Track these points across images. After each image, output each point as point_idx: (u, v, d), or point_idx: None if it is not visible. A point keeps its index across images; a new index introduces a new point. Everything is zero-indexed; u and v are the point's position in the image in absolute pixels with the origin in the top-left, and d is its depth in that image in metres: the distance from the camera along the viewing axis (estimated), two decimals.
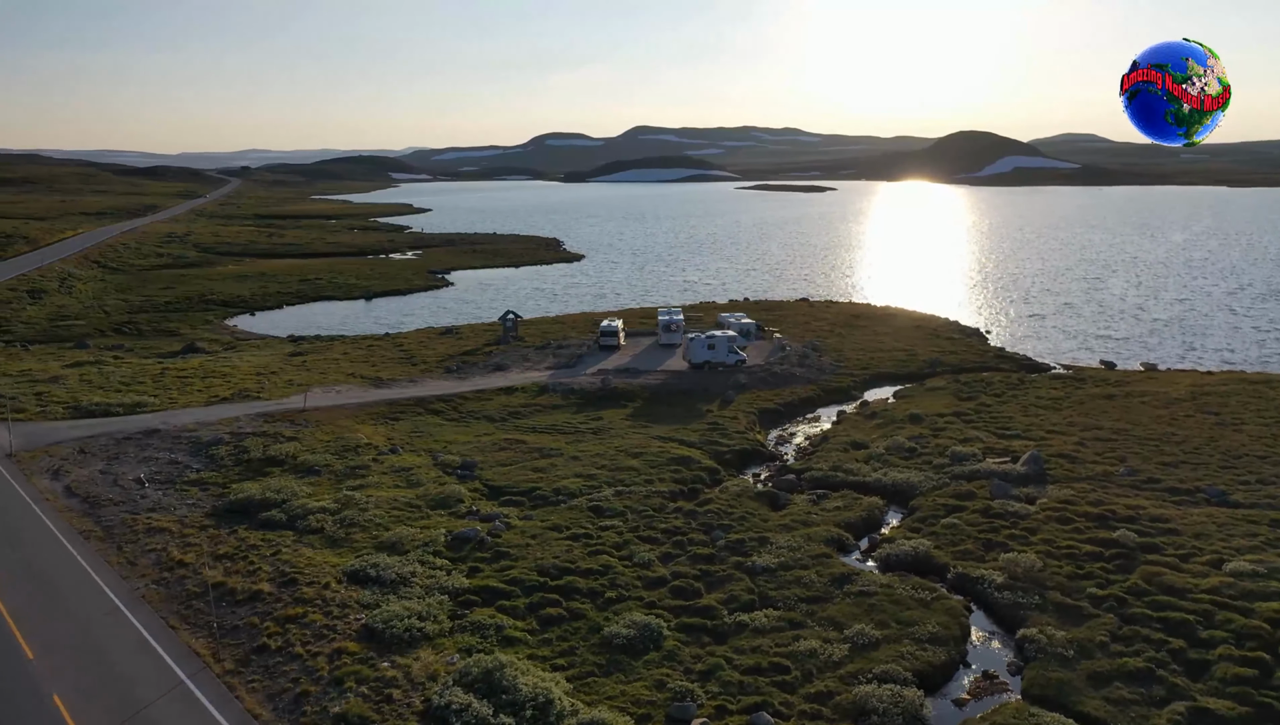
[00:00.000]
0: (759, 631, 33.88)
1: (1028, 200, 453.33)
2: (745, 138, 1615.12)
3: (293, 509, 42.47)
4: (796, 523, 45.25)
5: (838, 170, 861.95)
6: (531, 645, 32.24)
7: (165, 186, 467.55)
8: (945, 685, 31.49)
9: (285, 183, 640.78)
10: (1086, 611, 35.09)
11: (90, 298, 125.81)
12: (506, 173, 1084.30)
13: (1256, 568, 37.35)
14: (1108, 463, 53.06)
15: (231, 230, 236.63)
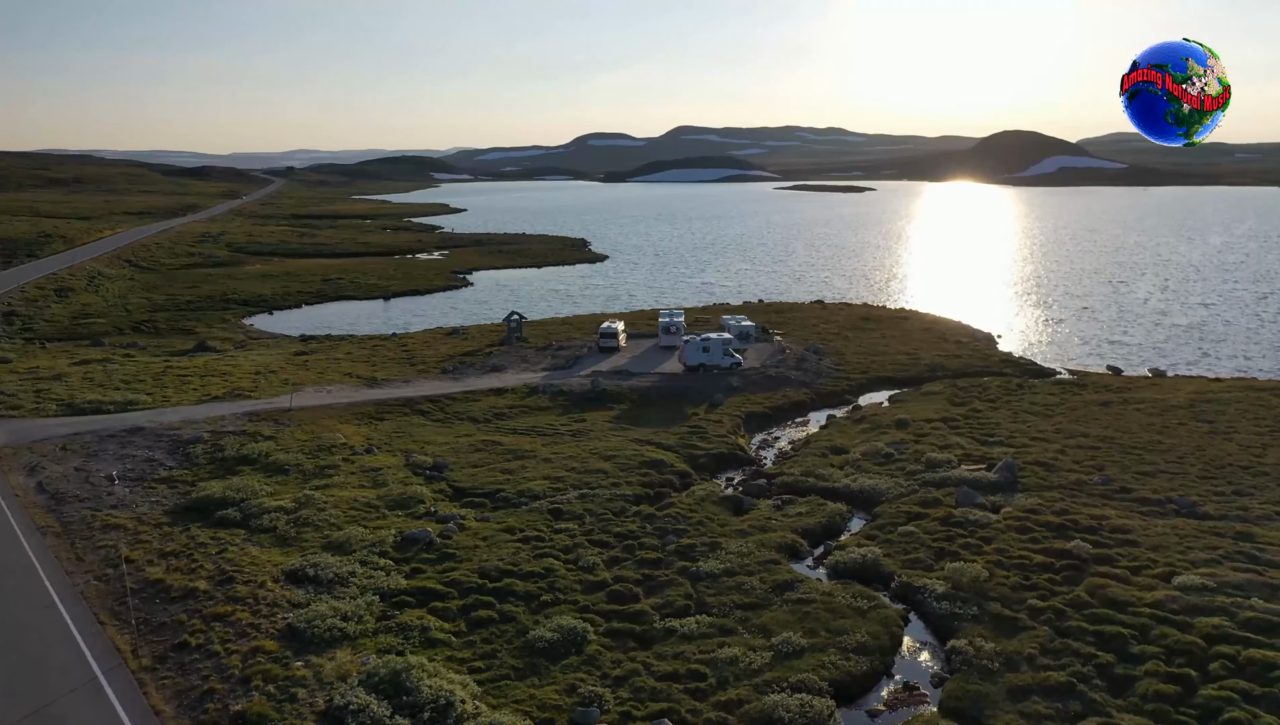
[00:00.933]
0: (687, 637, 33.83)
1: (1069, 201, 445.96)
2: (789, 137, 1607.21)
3: (249, 508, 43.17)
4: (755, 528, 45.11)
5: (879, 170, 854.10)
6: (454, 647, 32.50)
7: (210, 186, 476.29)
8: (864, 696, 31.19)
9: (327, 183, 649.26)
10: (1023, 623, 34.58)
11: (115, 296, 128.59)
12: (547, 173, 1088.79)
13: (1206, 582, 36.56)
14: (1084, 471, 52.20)
15: (265, 230, 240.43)
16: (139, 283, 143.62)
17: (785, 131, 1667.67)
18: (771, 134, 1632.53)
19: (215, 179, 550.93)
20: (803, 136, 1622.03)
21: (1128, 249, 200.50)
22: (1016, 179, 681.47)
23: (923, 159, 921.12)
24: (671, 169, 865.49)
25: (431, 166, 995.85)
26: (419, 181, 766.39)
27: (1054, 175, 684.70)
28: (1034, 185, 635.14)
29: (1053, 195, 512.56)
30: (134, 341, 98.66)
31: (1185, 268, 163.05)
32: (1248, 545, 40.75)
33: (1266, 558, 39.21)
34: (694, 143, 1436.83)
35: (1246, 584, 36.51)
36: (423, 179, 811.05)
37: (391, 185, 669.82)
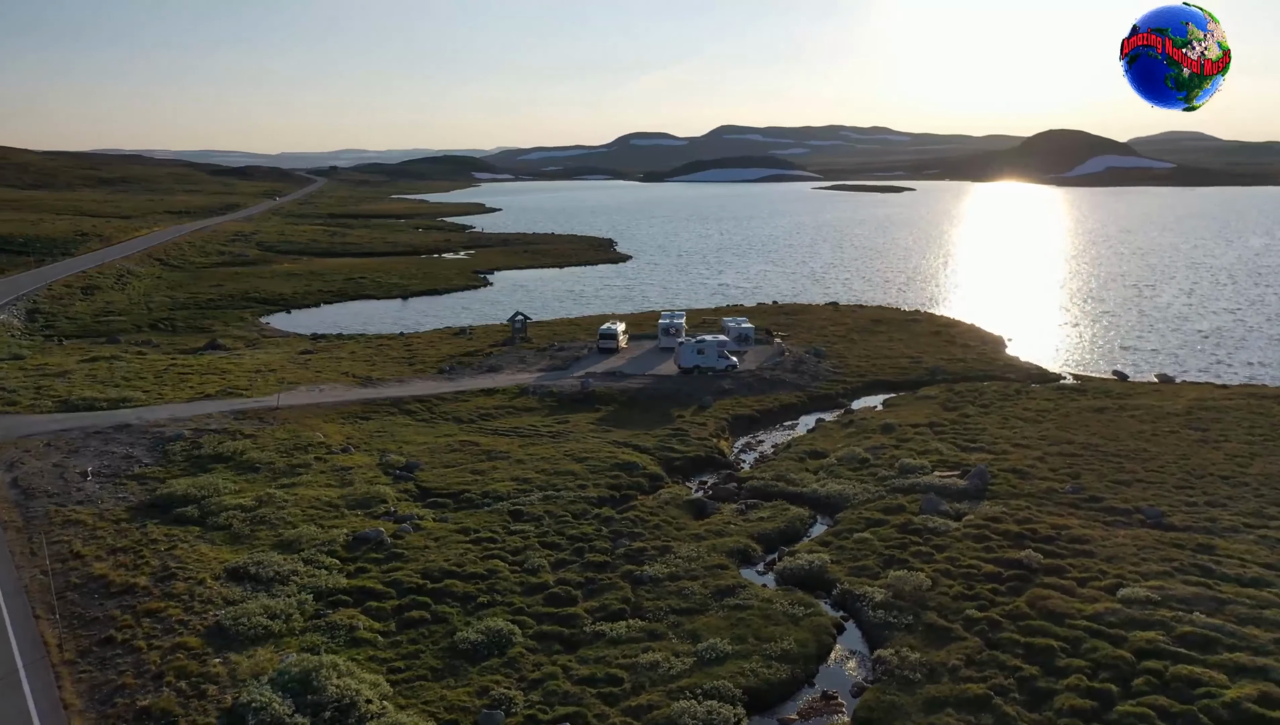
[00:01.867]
0: (614, 642, 33.92)
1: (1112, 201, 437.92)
2: (832, 137, 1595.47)
3: (209, 506, 43.98)
4: (712, 533, 45.06)
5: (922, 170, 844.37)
6: (379, 647, 32.89)
7: (253, 186, 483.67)
8: (780, 705, 31.06)
9: (369, 182, 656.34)
10: (955, 634, 34.21)
11: (140, 295, 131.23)
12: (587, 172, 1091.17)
13: (1152, 595, 35.90)
14: (1058, 479, 51.38)
15: (297, 229, 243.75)
16: (165, 281, 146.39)
17: (829, 131, 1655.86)
18: (815, 133, 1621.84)
19: (259, 179, 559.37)
20: (846, 136, 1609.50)
21: (1160, 251, 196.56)
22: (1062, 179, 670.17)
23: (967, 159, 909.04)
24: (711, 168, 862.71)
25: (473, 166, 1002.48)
26: (460, 181, 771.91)
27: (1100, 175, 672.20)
28: (1079, 185, 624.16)
29: (1097, 195, 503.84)
30: (149, 339, 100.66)
31: (1217, 272, 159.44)
32: (1205, 558, 39.93)
33: (1221, 571, 38.39)
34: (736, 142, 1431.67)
35: (1193, 598, 35.80)
36: (464, 178, 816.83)
37: (432, 185, 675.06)
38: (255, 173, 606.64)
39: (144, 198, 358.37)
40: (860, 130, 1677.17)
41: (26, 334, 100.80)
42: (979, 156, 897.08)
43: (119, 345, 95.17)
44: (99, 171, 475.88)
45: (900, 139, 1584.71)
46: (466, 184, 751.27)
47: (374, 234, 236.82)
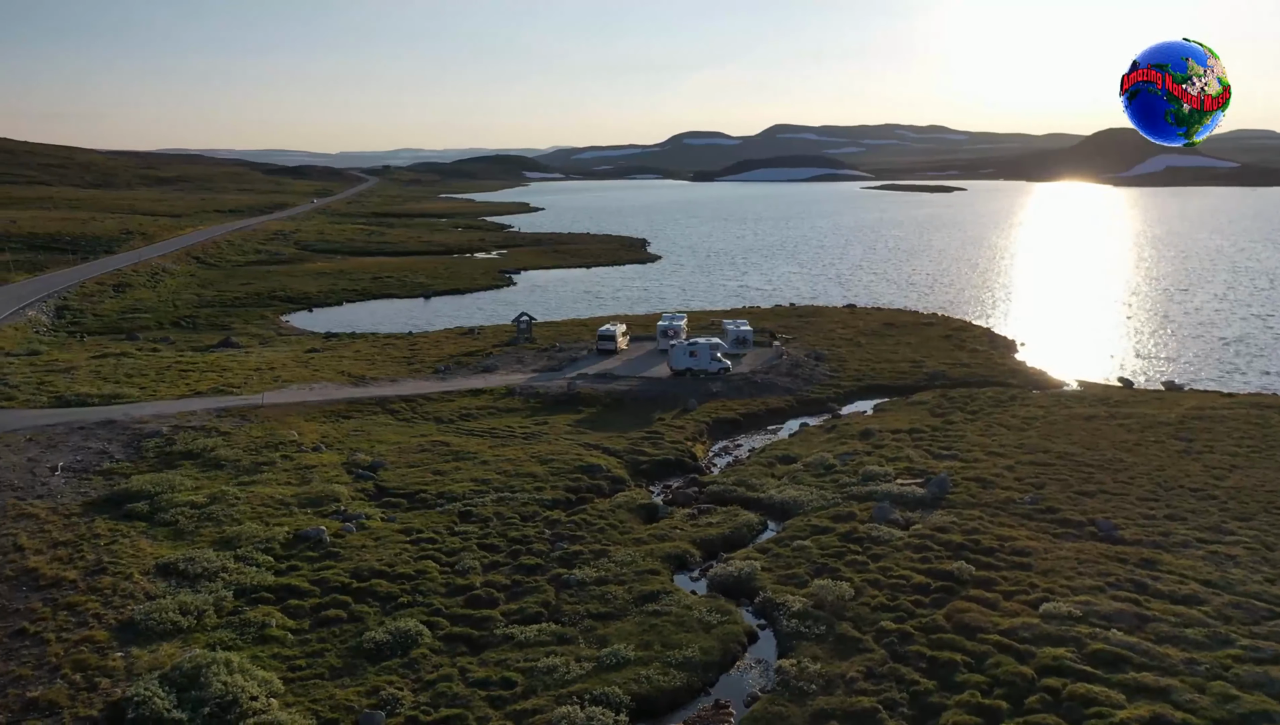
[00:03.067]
0: (521, 645, 34.14)
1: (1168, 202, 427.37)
2: (888, 136, 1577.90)
3: (160, 502, 45.08)
4: (655, 537, 45.10)
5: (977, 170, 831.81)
6: (287, 645, 33.48)
7: (304, 185, 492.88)
8: (671, 713, 31.00)
9: (420, 181, 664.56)
10: (864, 645, 33.85)
11: (169, 293, 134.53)
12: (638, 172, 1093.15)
13: (1075, 610, 35.18)
14: (1021, 489, 50.45)
15: (337, 228, 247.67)
16: (198, 279, 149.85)
17: (884, 130, 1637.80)
18: (870, 132, 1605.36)
19: (313, 178, 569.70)
20: (902, 135, 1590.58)
21: (1203, 254, 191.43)
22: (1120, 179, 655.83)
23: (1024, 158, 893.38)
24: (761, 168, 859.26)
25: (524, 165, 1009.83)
26: (510, 180, 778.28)
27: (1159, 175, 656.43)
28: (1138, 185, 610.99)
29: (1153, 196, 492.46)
30: (167, 336, 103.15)
31: (1257, 276, 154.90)
32: (1145, 573, 39.00)
33: (1155, 587, 37.47)
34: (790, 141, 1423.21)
35: (1116, 614, 35.01)
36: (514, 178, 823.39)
37: (483, 184, 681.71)
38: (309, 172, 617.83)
39: (196, 197, 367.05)
40: (917, 129, 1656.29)
41: (52, 330, 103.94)
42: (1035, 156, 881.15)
43: (136, 342, 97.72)
44: (157, 171, 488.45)
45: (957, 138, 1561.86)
46: (517, 183, 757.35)
47: (411, 233, 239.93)
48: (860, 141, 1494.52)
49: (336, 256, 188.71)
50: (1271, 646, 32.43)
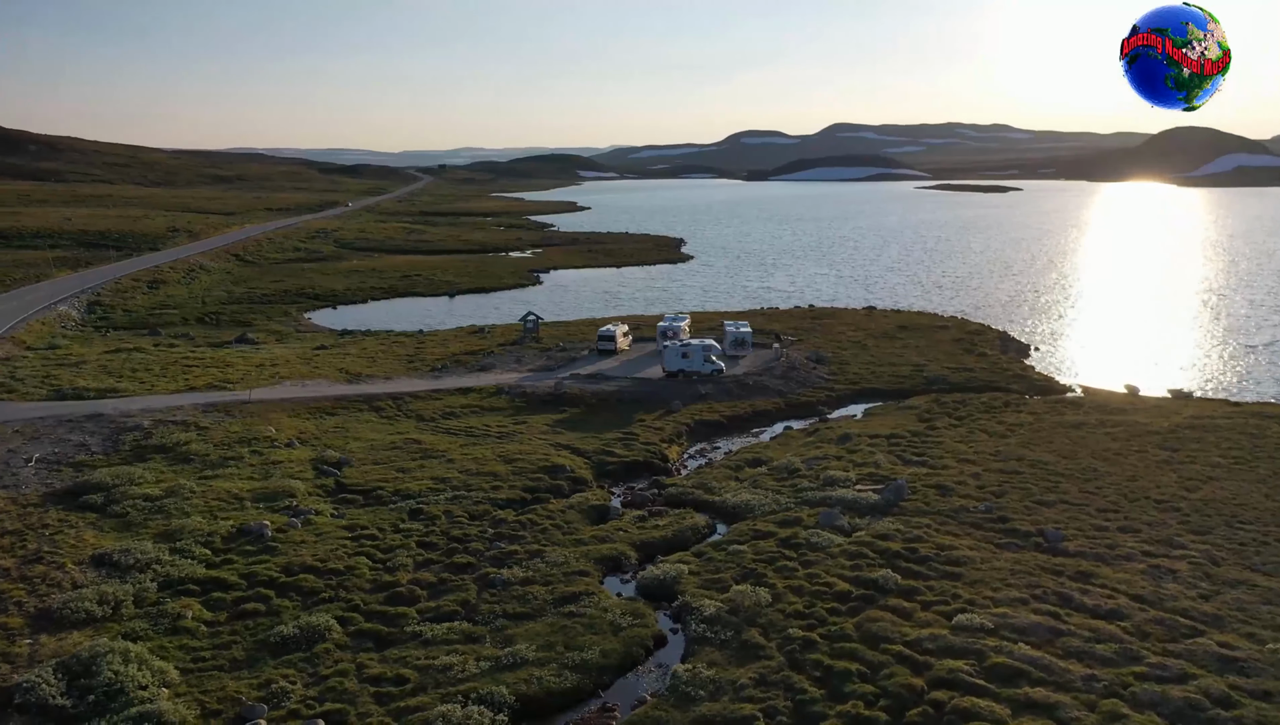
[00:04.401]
0: (427, 643, 34.54)
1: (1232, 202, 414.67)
2: (949, 135, 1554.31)
3: (116, 494, 46.40)
4: (596, 539, 45.28)
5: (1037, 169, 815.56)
6: (198, 637, 34.30)
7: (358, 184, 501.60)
8: (557, 715, 31.13)
9: (474, 180, 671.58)
10: (766, 652, 33.66)
11: (201, 289, 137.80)
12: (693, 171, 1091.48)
13: (988, 622, 34.62)
14: (980, 497, 49.61)
15: (379, 226, 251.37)
16: (233, 276, 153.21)
17: (945, 128, 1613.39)
18: (930, 131, 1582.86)
19: (367, 177, 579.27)
20: (963, 134, 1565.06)
21: (1253, 258, 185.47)
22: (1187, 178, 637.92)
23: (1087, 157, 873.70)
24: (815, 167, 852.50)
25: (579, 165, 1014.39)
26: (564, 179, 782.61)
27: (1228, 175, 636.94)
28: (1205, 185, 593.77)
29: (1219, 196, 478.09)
30: (188, 332, 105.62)
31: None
32: (1076, 585, 38.20)
33: (1082, 600, 36.68)
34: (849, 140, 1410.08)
35: (1031, 627, 34.37)
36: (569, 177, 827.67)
37: (537, 183, 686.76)
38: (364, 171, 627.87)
39: (253, 195, 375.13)
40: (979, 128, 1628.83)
41: (80, 325, 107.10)
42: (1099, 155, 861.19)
43: (157, 337, 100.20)
44: (218, 170, 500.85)
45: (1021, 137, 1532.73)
46: (570, 182, 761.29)
47: (450, 232, 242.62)
48: (920, 141, 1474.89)
49: (373, 255, 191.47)
50: (1180, 665, 31.58)
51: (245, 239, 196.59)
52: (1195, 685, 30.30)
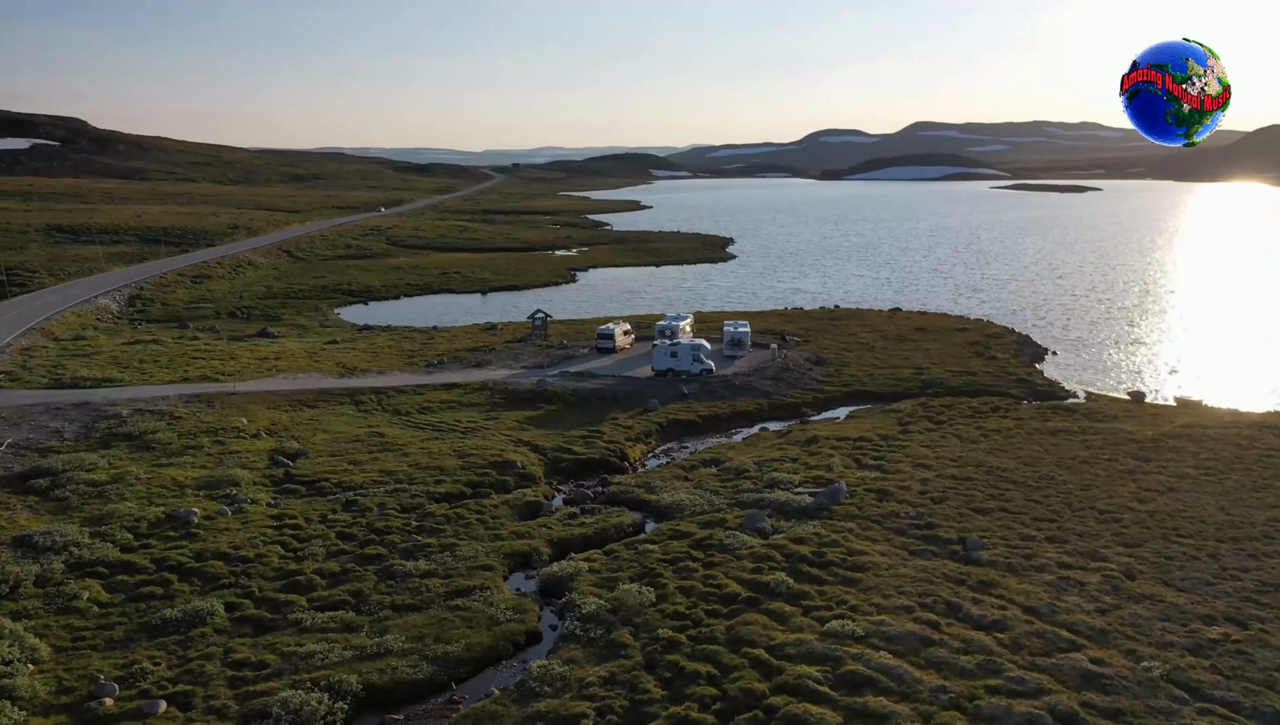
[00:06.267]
0: (303, 630, 35.32)
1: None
2: (1035, 133, 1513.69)
3: (63, 479, 48.38)
4: (516, 535, 45.65)
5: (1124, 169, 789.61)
6: (87, 617, 35.64)
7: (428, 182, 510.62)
8: (405, 705, 31.49)
9: (545, 179, 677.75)
10: (627, 651, 33.62)
11: (243, 285, 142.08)
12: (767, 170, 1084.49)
13: (860, 629, 34.01)
14: (918, 502, 48.64)
15: (432, 224, 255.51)
16: (278, 272, 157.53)
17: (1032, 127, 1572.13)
18: (1016, 129, 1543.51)
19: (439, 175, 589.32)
20: (1050, 132, 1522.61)
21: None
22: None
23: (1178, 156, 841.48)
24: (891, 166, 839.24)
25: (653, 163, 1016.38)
26: (636, 178, 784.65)
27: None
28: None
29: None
30: (214, 326, 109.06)
31: None
32: (972, 594, 37.30)
33: (969, 610, 35.80)
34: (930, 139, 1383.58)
35: (903, 635, 33.69)
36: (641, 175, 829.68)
37: (608, 181, 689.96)
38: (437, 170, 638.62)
39: (323, 193, 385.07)
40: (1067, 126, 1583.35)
41: (117, 318, 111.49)
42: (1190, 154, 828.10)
43: (186, 331, 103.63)
44: (295, 168, 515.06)
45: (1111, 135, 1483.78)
46: (642, 181, 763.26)
47: (502, 230, 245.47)
48: (1005, 139, 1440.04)
49: (421, 252, 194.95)
50: (1040, 680, 30.62)
51: (299, 236, 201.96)
52: (1045, 701, 29.37)
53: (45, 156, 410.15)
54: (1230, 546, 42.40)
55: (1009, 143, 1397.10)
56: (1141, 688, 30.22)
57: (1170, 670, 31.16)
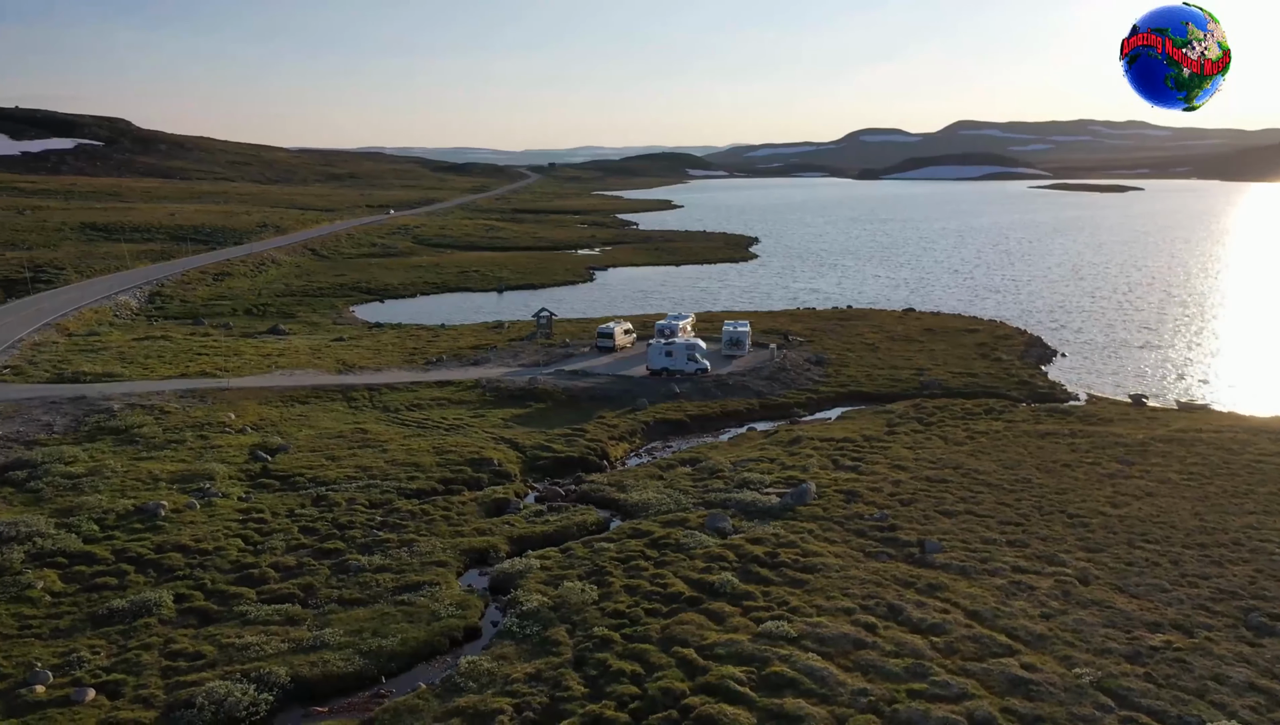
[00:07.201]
0: (247, 623, 35.79)
1: None
2: (1080, 132, 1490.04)
3: (41, 471, 49.41)
4: (478, 532, 45.93)
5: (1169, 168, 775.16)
6: (38, 605, 36.39)
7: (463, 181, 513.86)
8: (334, 698, 31.81)
9: (580, 178, 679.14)
10: (559, 649, 33.69)
11: (264, 282, 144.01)
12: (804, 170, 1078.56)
13: (793, 630, 33.82)
14: (885, 504, 48.21)
15: (459, 223, 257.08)
16: (300, 270, 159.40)
17: (1077, 125, 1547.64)
18: (1061, 128, 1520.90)
19: (475, 174, 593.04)
20: (1096, 131, 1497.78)
21: None
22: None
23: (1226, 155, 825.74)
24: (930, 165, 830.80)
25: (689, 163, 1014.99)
26: (672, 178, 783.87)
27: None
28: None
29: None
30: (227, 322, 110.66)
31: None
32: (916, 597, 36.91)
33: (910, 613, 35.43)
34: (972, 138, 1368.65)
35: (837, 638, 33.44)
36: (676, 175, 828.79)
37: (643, 181, 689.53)
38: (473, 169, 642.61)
39: (357, 191, 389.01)
40: (1113, 125, 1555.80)
41: (135, 314, 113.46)
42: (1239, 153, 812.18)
43: (196, 327, 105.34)
44: (333, 167, 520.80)
45: (1159, 134, 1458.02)
46: (678, 180, 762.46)
47: (528, 229, 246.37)
48: (1049, 138, 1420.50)
49: (444, 251, 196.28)
50: (966, 685, 30.26)
51: (326, 234, 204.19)
52: (965, 706, 29.03)
53: (89, 156, 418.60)
54: (1196, 553, 41.57)
55: (1053, 142, 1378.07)
56: (1068, 694, 29.73)
57: (1101, 677, 30.64)
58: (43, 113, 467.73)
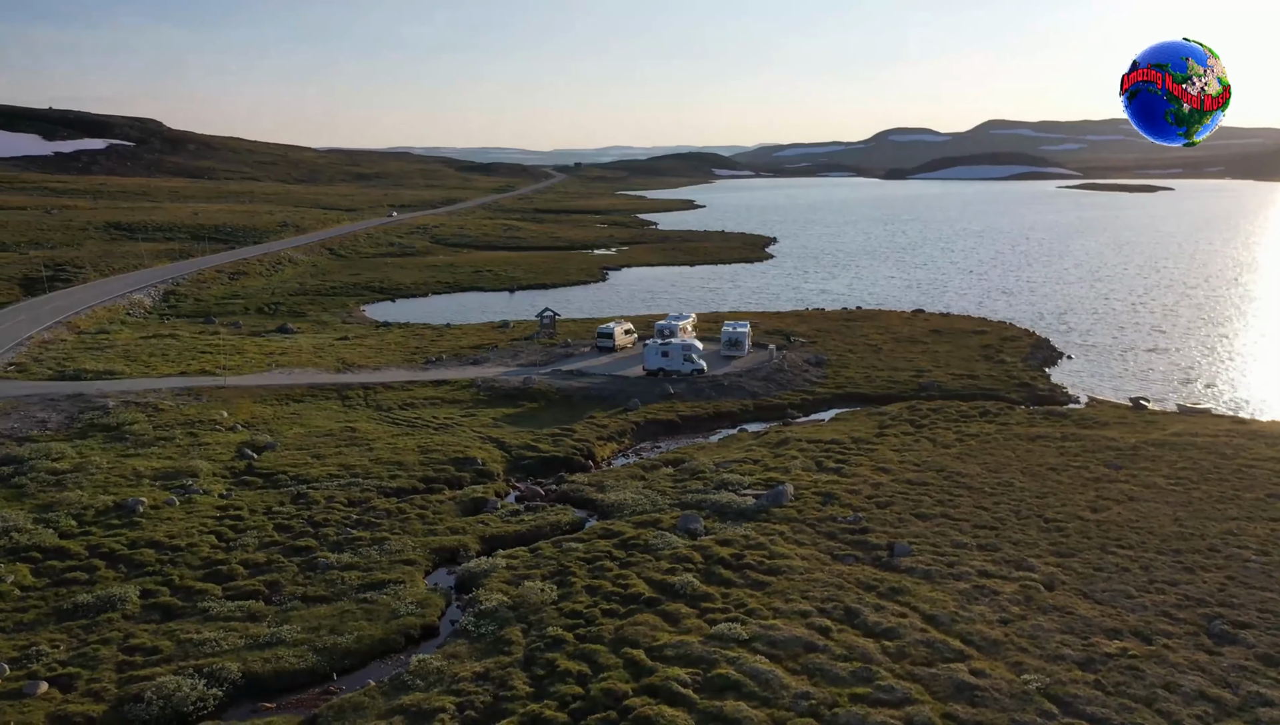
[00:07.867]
0: (208, 618, 36.22)
1: None
2: (1112, 131, 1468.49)
3: (26, 467, 50.23)
4: (451, 531, 46.18)
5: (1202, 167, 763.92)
6: (6, 601, 36.96)
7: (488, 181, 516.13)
8: (286, 693, 32.14)
9: (605, 178, 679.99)
10: (511, 648, 33.80)
11: (278, 281, 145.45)
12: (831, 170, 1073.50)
13: (745, 633, 33.75)
14: (861, 507, 47.92)
15: (478, 223, 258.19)
16: (316, 269, 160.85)
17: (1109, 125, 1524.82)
18: (1093, 127, 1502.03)
19: (500, 174, 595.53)
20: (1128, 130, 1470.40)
21: None
22: None
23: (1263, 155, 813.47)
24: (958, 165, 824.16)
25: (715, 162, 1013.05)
26: (697, 177, 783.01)
27: None
28: None
29: None
30: (238, 321, 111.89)
31: None
32: (876, 601, 36.71)
33: (867, 616, 35.23)
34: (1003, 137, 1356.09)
35: (789, 641, 33.34)
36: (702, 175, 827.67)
37: (669, 181, 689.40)
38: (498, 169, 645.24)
39: (382, 191, 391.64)
40: None
41: (148, 312, 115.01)
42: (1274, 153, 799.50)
43: (206, 326, 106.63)
44: (359, 167, 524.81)
45: None
46: (703, 180, 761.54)
47: (547, 229, 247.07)
48: (1081, 137, 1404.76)
49: (461, 250, 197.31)
50: (910, 690, 30.08)
51: (345, 234, 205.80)
52: (906, 711, 28.85)
53: (120, 156, 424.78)
54: (1169, 558, 41.03)
55: (1084, 141, 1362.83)
56: (1012, 701, 29.47)
57: (1049, 684, 30.33)
58: (75, 114, 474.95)
